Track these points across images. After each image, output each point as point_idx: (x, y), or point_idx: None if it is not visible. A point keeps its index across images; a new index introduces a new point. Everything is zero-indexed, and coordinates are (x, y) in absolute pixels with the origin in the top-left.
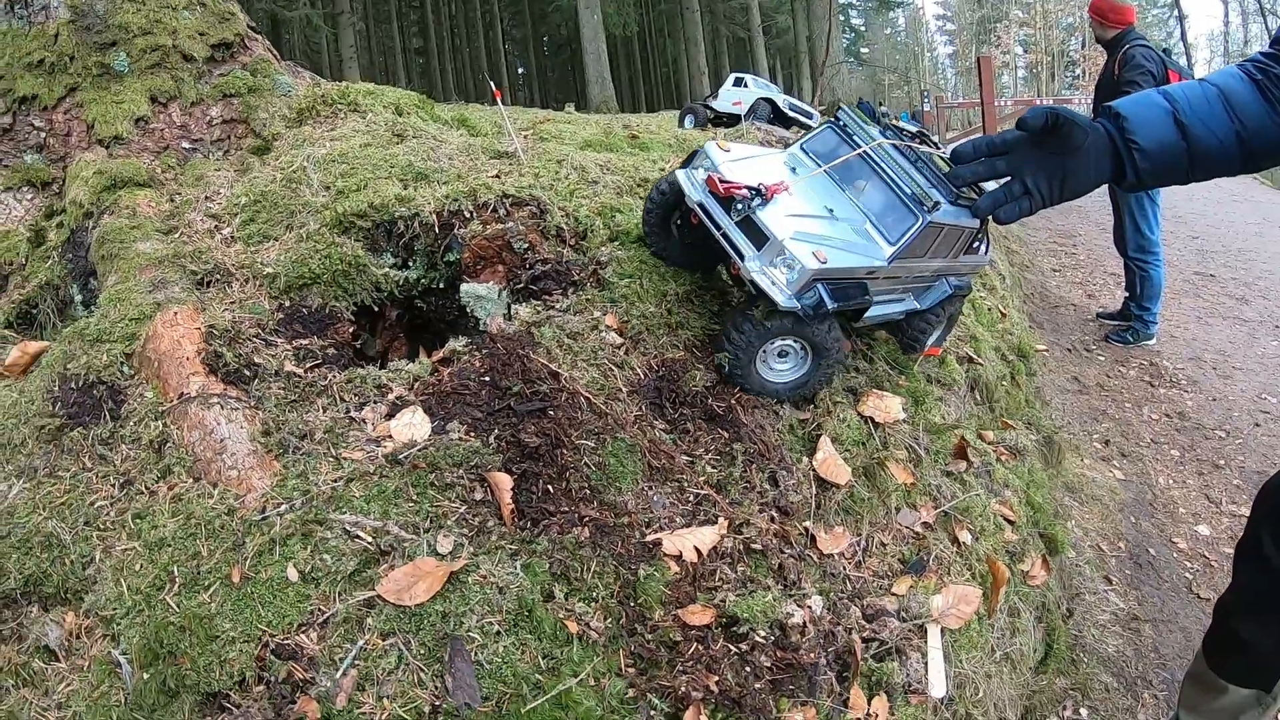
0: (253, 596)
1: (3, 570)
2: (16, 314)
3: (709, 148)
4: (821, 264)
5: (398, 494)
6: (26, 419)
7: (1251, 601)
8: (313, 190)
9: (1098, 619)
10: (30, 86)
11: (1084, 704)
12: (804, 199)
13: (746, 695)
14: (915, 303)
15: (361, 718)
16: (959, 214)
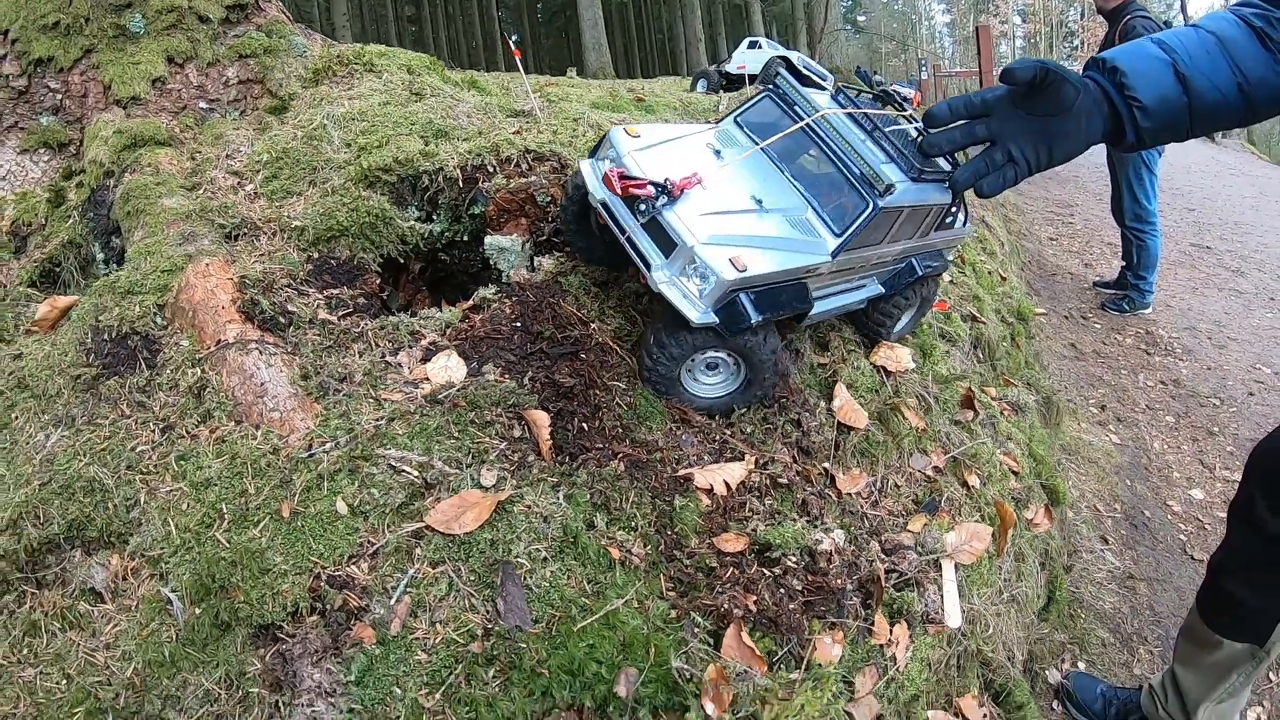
0: (303, 530)
1: (45, 516)
2: (40, 273)
3: (614, 134)
4: (740, 272)
5: (439, 431)
6: (61, 370)
7: (1245, 562)
8: (334, 147)
9: (1094, 576)
10: (46, 49)
11: (1082, 657)
12: (726, 190)
13: (782, 615)
14: (878, 287)
15: (415, 643)
16: (924, 191)
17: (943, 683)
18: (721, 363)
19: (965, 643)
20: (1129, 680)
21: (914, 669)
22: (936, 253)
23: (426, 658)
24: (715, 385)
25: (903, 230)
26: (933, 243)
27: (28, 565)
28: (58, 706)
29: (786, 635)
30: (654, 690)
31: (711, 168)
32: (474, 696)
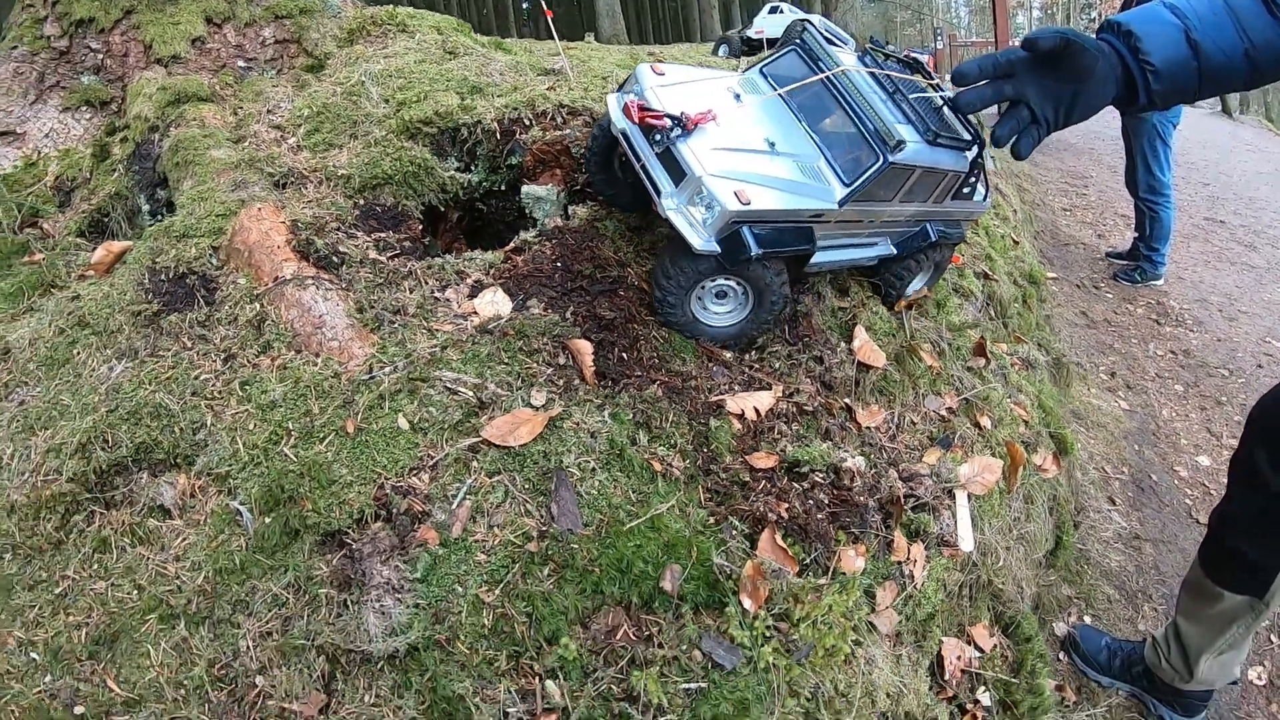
0: (367, 445)
1: (114, 440)
2: (88, 223)
3: (640, 70)
4: (744, 205)
5: (490, 358)
6: (120, 308)
7: (1245, 516)
8: (373, 102)
9: (1101, 535)
10: (87, 10)
11: (1088, 612)
12: (740, 130)
13: (811, 524)
14: (890, 248)
15: (475, 544)
16: (938, 154)
17: (955, 611)
18: (730, 290)
19: (978, 572)
20: (1133, 635)
21: (930, 587)
22: (953, 221)
23: (486, 558)
24: (725, 314)
25: (916, 192)
26: (949, 211)
27: (96, 486)
28: (130, 614)
29: (815, 543)
30: (695, 587)
31: (730, 109)
32: (531, 592)
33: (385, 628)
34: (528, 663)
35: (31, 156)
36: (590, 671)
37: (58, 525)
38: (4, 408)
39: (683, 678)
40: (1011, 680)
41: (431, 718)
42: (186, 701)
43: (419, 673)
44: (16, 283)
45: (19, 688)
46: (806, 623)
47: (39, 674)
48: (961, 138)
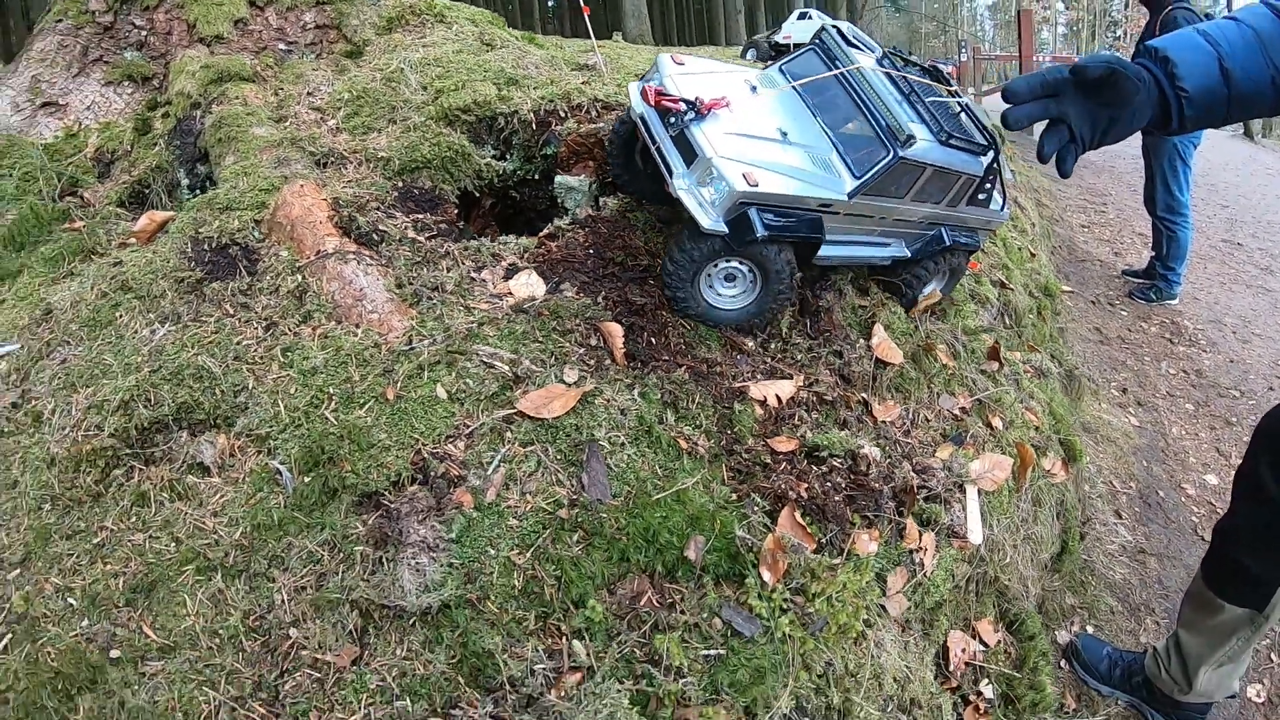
0: (405, 411)
1: (156, 399)
2: (128, 194)
3: (661, 58)
4: (751, 186)
5: (525, 336)
6: (164, 274)
7: (1248, 529)
8: (411, 89)
9: (1107, 548)
10: None
11: (1091, 622)
12: (754, 119)
13: (829, 505)
14: (904, 250)
15: (508, 510)
16: (950, 155)
17: (962, 605)
18: (739, 274)
19: (985, 567)
20: (1134, 647)
21: (939, 576)
22: (969, 229)
23: (518, 523)
24: (733, 297)
25: (928, 192)
26: (964, 217)
27: (137, 443)
28: (167, 565)
29: (831, 524)
30: (718, 558)
31: (745, 99)
32: (560, 556)
33: (419, 584)
34: (555, 623)
35: (73, 128)
36: (615, 634)
37: (97, 479)
38: (46, 365)
39: (703, 644)
40: (1014, 675)
41: (461, 672)
42: (221, 650)
43: (450, 629)
44: (57, 248)
45: (56, 630)
46: (822, 598)
47: (76, 618)
48: (976, 142)
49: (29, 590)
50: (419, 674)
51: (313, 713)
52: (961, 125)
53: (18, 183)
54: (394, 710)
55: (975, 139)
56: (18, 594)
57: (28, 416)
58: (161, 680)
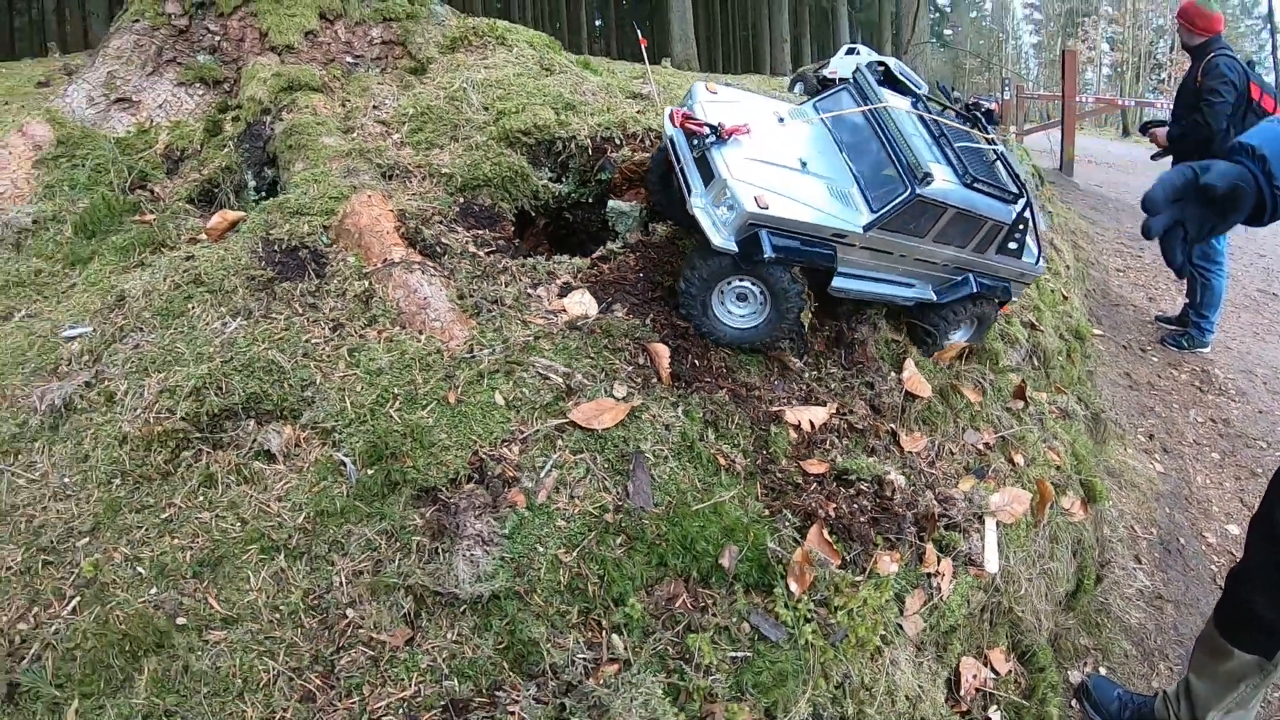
0: (465, 415)
1: (227, 388)
2: (198, 192)
3: (695, 87)
4: (761, 209)
5: (578, 351)
6: (236, 271)
7: (1262, 576)
8: (473, 108)
9: (1124, 591)
10: None
11: (1104, 663)
12: (776, 148)
13: (854, 525)
14: (930, 294)
15: (557, 512)
16: (974, 199)
17: (976, 633)
18: (750, 294)
19: (999, 597)
20: (1146, 692)
21: (955, 601)
22: (999, 278)
23: (566, 524)
24: (743, 316)
25: (951, 235)
26: (993, 264)
27: (207, 427)
28: (232, 543)
29: (855, 543)
30: (749, 568)
31: (770, 128)
32: (603, 557)
33: (473, 574)
34: (596, 618)
35: (144, 124)
36: (651, 631)
37: (167, 458)
38: (119, 349)
39: (731, 646)
40: (1023, 704)
41: (506, 657)
42: (281, 624)
43: (499, 617)
44: (128, 238)
45: (124, 596)
46: (843, 611)
47: (144, 586)
48: (1004, 188)
49: (98, 558)
50: (467, 657)
51: (366, 687)
52: (993, 171)
53: (90, 173)
54: (442, 689)
55: (1005, 186)
56: (87, 560)
57: (100, 396)
58: (224, 648)
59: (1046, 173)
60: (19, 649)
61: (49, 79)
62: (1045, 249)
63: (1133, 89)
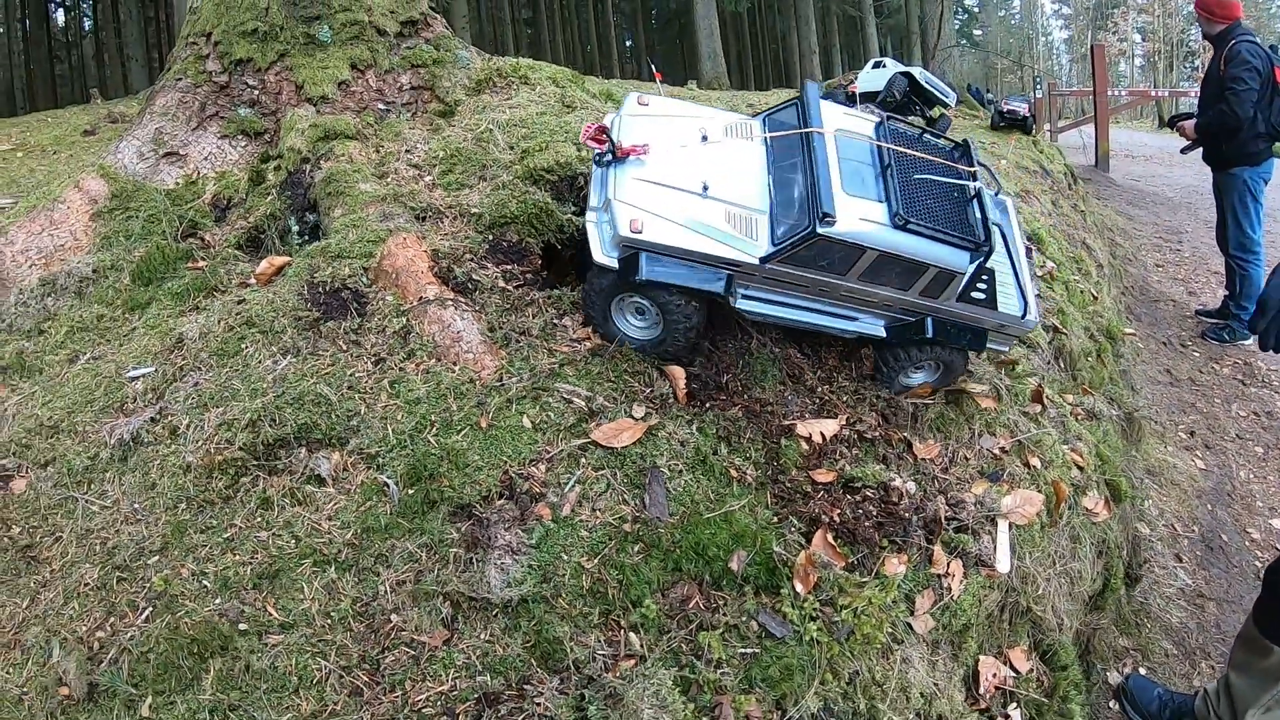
0: (496, 438)
1: (280, 420)
2: (245, 238)
3: (628, 97)
4: (634, 233)
5: (600, 376)
6: (284, 313)
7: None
8: (499, 148)
9: (1164, 591)
10: (245, 51)
11: (1144, 664)
12: (678, 169)
13: (859, 530)
14: (878, 330)
15: (580, 523)
16: (903, 240)
17: (995, 635)
18: (647, 310)
19: (1016, 597)
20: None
21: (966, 600)
22: (967, 327)
23: (588, 534)
24: (641, 329)
25: (882, 275)
26: (956, 312)
27: (263, 455)
28: (288, 558)
29: (861, 546)
30: (757, 571)
31: (682, 147)
32: (622, 563)
33: (503, 581)
34: (615, 618)
35: (192, 176)
36: (665, 630)
37: (227, 484)
38: (179, 386)
39: (740, 643)
40: (1044, 701)
41: (534, 655)
42: (332, 629)
43: (528, 619)
44: (183, 284)
45: (192, 606)
46: (848, 609)
47: (209, 597)
48: (963, 236)
49: (168, 573)
50: (499, 655)
51: (408, 683)
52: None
53: (144, 224)
54: (476, 684)
55: (962, 232)
56: (157, 576)
57: (165, 430)
58: (281, 650)
59: (1081, 169)
60: (97, 654)
61: (94, 127)
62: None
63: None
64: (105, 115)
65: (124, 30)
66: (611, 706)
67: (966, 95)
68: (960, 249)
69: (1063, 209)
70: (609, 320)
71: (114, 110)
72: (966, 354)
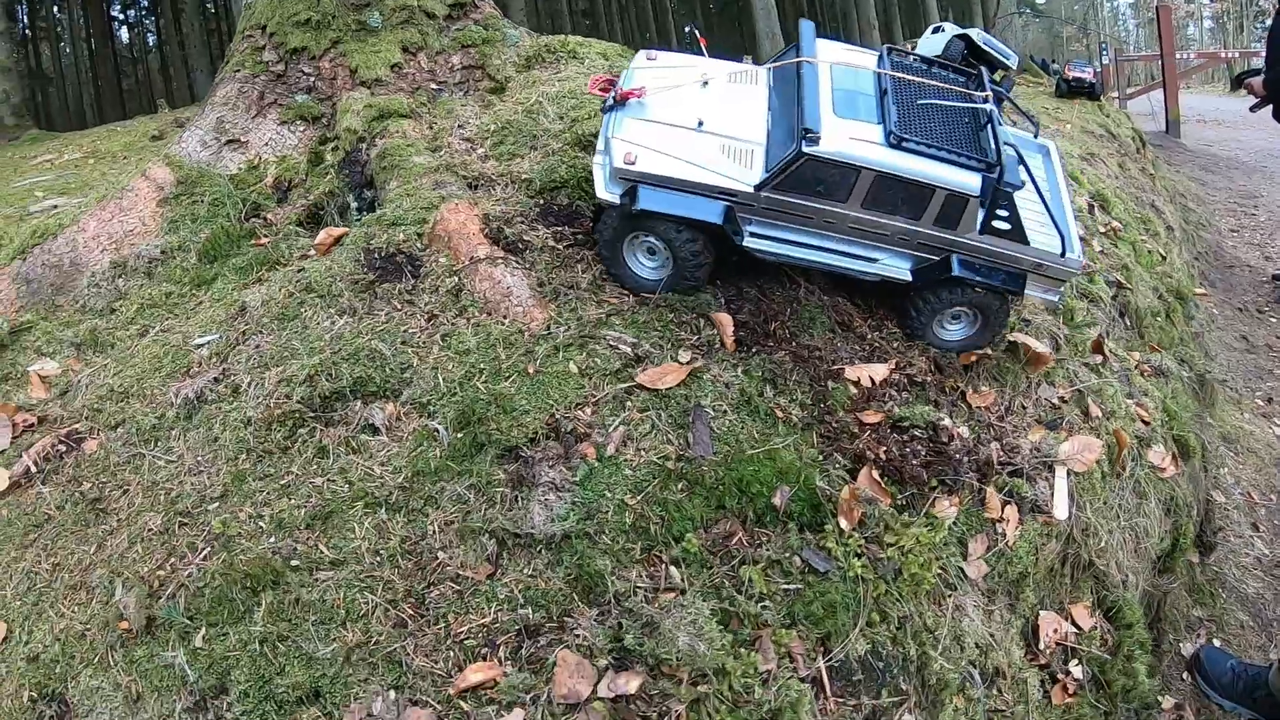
0: (543, 383)
1: (336, 374)
2: (305, 215)
3: (638, 54)
4: (628, 165)
5: (647, 325)
6: (341, 278)
7: None
8: (549, 119)
9: (1240, 561)
10: (300, 40)
11: (1218, 635)
12: (674, 109)
13: (906, 468)
14: (903, 271)
15: (625, 462)
16: (902, 159)
17: (1056, 589)
18: (657, 249)
19: (1077, 549)
20: (1263, 663)
21: (1022, 548)
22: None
23: (632, 473)
24: (652, 269)
25: (887, 202)
26: (980, 246)
27: (319, 408)
28: (340, 501)
29: (909, 485)
30: (801, 507)
31: (679, 91)
32: (665, 500)
33: (547, 517)
34: (657, 554)
35: (254, 161)
36: (707, 565)
37: (285, 436)
38: (242, 350)
39: (784, 579)
40: (1107, 659)
41: (575, 589)
42: (380, 565)
43: (570, 554)
44: (246, 260)
45: (247, 545)
46: (894, 547)
47: (264, 536)
48: (970, 155)
49: (226, 517)
50: (541, 589)
51: (451, 615)
52: (968, 137)
53: (209, 207)
54: (517, 616)
55: (971, 151)
56: (216, 519)
57: (227, 388)
58: (331, 585)
59: (1151, 136)
60: (156, 591)
61: (162, 133)
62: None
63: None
64: (172, 121)
65: (187, 43)
66: (648, 635)
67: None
68: (967, 169)
69: (1130, 172)
70: (621, 263)
71: (180, 116)
72: (1006, 301)
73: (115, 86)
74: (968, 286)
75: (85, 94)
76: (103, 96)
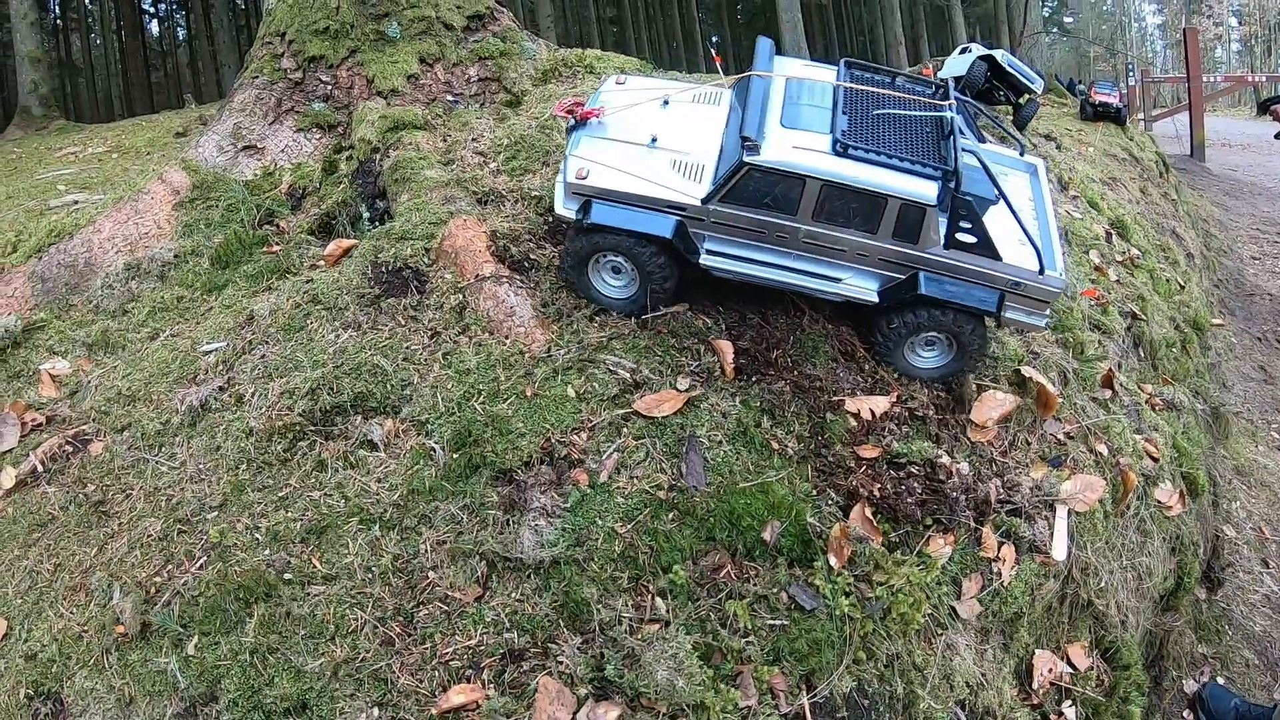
0: (540, 406)
1: (338, 388)
2: (317, 224)
3: (609, 77)
4: (580, 180)
5: (647, 350)
6: (347, 290)
7: None
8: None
9: (1249, 597)
10: (318, 48)
11: (1222, 673)
12: (630, 127)
13: (900, 506)
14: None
15: (617, 489)
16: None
17: (1053, 628)
18: (622, 268)
19: (1076, 588)
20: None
21: (1018, 588)
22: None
23: (624, 500)
24: (618, 288)
25: (839, 213)
26: (941, 259)
27: (320, 422)
28: (336, 516)
29: (903, 524)
30: (791, 543)
31: (636, 111)
32: (656, 530)
33: (536, 542)
34: (645, 584)
35: (269, 167)
36: (694, 597)
37: (285, 448)
38: (247, 359)
39: (769, 614)
40: (1102, 700)
41: (562, 615)
42: (372, 582)
43: (558, 580)
44: (258, 267)
45: (243, 556)
46: (883, 586)
47: (260, 549)
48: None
49: (224, 526)
50: (527, 613)
51: (438, 635)
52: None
53: (223, 212)
54: (503, 640)
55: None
56: (214, 529)
57: (231, 397)
58: (322, 599)
59: (1176, 159)
60: (153, 597)
61: (186, 129)
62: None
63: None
64: (197, 118)
65: (216, 38)
66: (629, 666)
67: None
68: (922, 176)
69: (1151, 196)
70: (588, 285)
71: (205, 113)
72: (981, 325)
73: (144, 79)
74: (937, 307)
75: (114, 86)
76: (131, 89)
